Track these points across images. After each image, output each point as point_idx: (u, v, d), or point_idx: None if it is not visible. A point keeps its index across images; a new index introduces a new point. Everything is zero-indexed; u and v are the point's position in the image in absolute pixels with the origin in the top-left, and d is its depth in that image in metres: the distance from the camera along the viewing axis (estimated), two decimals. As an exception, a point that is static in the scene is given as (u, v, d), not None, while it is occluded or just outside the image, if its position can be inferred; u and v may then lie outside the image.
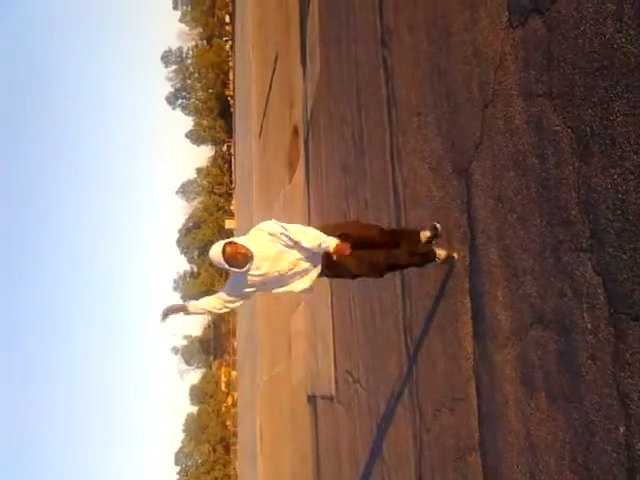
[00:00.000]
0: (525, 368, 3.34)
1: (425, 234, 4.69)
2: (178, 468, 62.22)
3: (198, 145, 69.85)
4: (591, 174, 2.82)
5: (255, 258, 4.17)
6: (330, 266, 4.37)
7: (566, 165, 3.01)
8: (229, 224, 55.47)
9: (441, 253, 4.47)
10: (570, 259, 2.96)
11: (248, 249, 4.15)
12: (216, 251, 4.14)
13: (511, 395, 3.49)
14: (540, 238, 3.23)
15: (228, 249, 4.10)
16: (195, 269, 64.69)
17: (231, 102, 60.43)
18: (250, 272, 4.21)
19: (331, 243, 4.23)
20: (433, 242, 4.65)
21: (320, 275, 4.44)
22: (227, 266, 4.13)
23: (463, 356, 4.17)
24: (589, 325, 2.80)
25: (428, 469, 4.76)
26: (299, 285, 4.38)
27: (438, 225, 4.63)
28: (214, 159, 67.77)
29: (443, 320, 4.62)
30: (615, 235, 2.67)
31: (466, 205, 4.23)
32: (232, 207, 57.72)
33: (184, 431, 62.76)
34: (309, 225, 4.72)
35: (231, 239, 4.31)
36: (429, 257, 4.52)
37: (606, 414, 2.66)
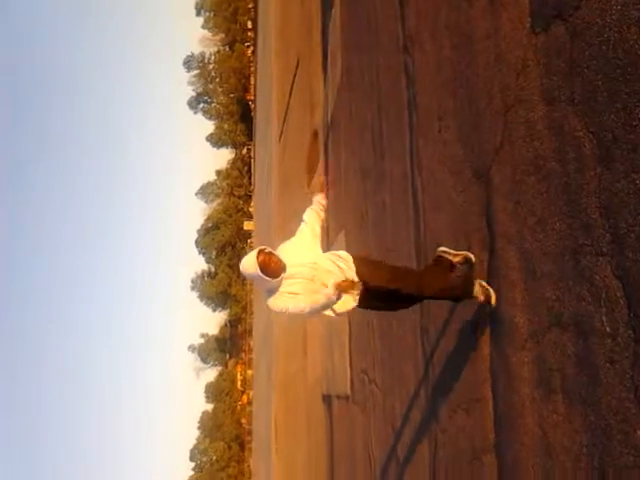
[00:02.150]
0: (542, 370, 3.36)
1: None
2: (193, 464, 62.65)
3: (218, 148, 70.36)
4: (612, 179, 2.84)
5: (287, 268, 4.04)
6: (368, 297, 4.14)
7: (587, 170, 3.04)
8: (248, 226, 55.70)
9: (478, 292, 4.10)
10: (589, 263, 2.99)
11: (281, 259, 4.04)
12: (250, 260, 4.04)
13: (527, 397, 3.52)
14: (560, 242, 3.26)
15: (261, 257, 4.01)
16: (213, 269, 65.03)
17: (252, 106, 60.83)
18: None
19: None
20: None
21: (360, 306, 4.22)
22: (261, 274, 3.97)
23: (480, 358, 4.20)
24: (608, 329, 2.82)
25: (442, 469, 4.79)
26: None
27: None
28: (234, 162, 68.21)
29: (460, 322, 4.65)
30: (635, 239, 2.69)
31: (485, 209, 4.26)
32: (251, 209, 58.00)
33: (199, 428, 63.16)
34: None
35: (263, 248, 4.14)
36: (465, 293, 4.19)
37: (623, 417, 2.68)
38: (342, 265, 4.18)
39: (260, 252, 4.03)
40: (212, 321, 69.19)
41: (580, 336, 3.03)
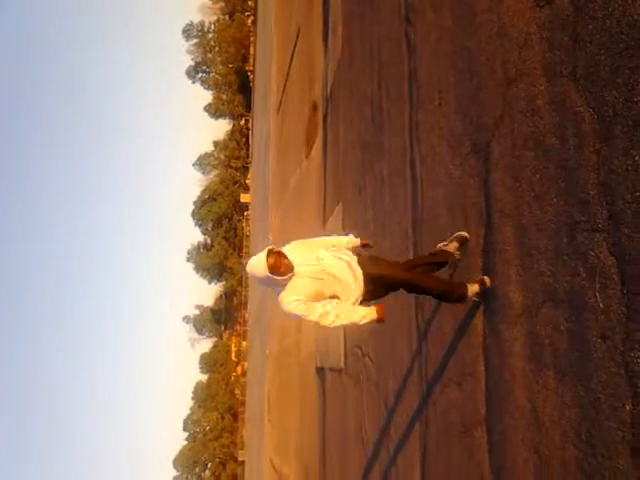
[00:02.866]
0: (534, 345, 3.38)
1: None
2: (186, 434, 63.32)
3: (216, 119, 69.85)
4: (612, 155, 2.83)
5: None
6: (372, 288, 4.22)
7: (587, 146, 3.02)
8: (244, 198, 55.52)
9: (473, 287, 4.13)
10: (585, 239, 2.98)
11: (289, 259, 4.04)
12: (259, 262, 4.01)
13: (519, 372, 3.54)
14: (556, 218, 3.25)
15: (271, 259, 3.97)
16: (209, 241, 65.06)
17: (251, 77, 60.23)
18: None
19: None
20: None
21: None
22: (272, 275, 3.97)
23: (473, 333, 4.22)
24: (601, 305, 2.83)
25: (433, 443, 4.84)
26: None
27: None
28: (231, 133, 67.77)
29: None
30: (632, 216, 2.69)
31: (483, 183, 4.24)
32: (248, 181, 57.77)
33: (193, 398, 63.75)
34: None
35: (272, 247, 4.12)
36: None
37: (613, 392, 2.70)
38: (345, 257, 4.25)
39: (270, 253, 4.00)
40: (207, 293, 69.50)
41: (573, 312, 3.04)
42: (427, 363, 5.23)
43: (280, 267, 3.97)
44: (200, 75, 71.70)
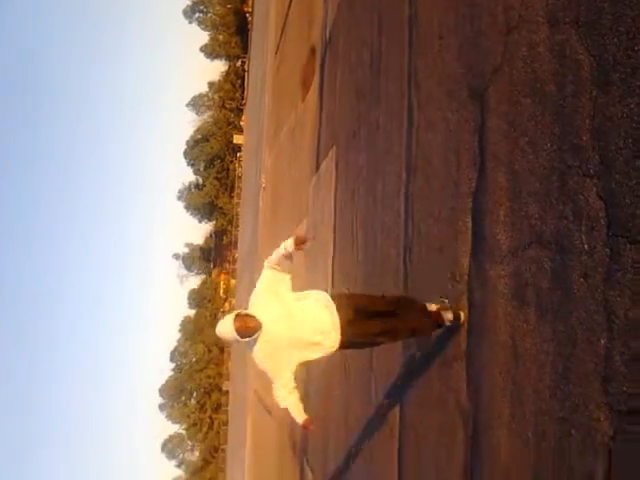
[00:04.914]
0: (518, 284, 3.52)
1: (431, 306, 4.45)
2: (173, 365, 64.41)
3: (212, 59, 68.47)
4: (608, 103, 2.90)
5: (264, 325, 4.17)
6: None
7: (583, 93, 3.09)
8: (237, 139, 55.01)
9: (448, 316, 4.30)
10: (576, 184, 3.08)
11: (256, 320, 4.16)
12: (226, 326, 4.18)
13: (501, 309, 3.69)
14: (549, 163, 3.34)
15: (237, 323, 4.13)
16: (200, 181, 64.72)
17: (249, 18, 58.89)
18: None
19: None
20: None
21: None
22: (240, 338, 4.15)
23: (458, 272, 4.36)
24: (586, 246, 2.95)
25: (415, 371, 5.02)
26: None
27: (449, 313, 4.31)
28: (227, 74, 66.60)
29: (443, 239, 4.78)
30: (624, 162, 2.78)
31: (479, 129, 4.31)
32: (242, 123, 57.12)
33: (180, 331, 64.55)
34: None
35: (238, 312, 4.26)
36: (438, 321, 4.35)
37: (590, 327, 2.85)
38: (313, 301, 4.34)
39: (237, 317, 4.15)
40: (197, 232, 69.53)
41: (558, 253, 3.16)
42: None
43: (247, 330, 4.12)
44: (197, 15, 69.94)
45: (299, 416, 4.32)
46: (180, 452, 62.62)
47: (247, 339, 4.16)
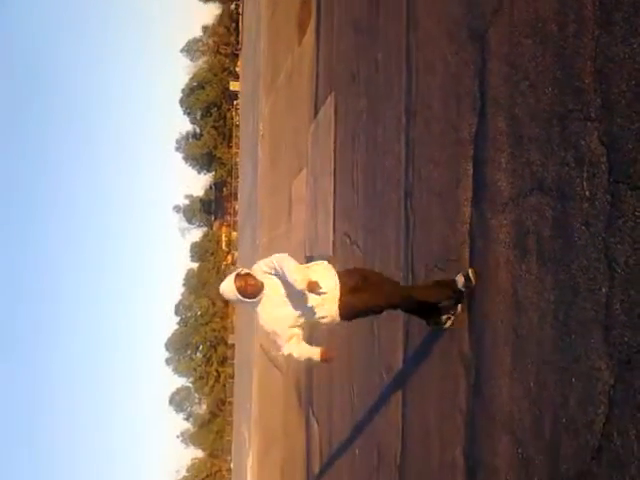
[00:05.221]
0: (519, 232, 3.48)
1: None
2: (178, 318, 65.14)
3: (205, 2, 66.71)
4: (610, 43, 2.80)
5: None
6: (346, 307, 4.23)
7: (585, 33, 2.98)
8: (234, 86, 54.07)
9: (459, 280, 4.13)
10: (577, 128, 3.01)
11: (257, 279, 4.14)
12: (228, 286, 4.19)
13: (503, 257, 3.66)
14: (550, 106, 3.25)
15: (238, 283, 4.13)
16: (198, 130, 63.95)
17: (242, -43, 57.14)
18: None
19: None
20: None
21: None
22: (242, 298, 4.15)
23: (460, 221, 4.31)
24: (587, 193, 2.90)
25: (415, 325, 5.04)
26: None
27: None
28: (221, 17, 65.00)
29: (444, 186, 4.72)
30: (626, 105, 2.70)
31: (479, 72, 4.19)
32: (238, 69, 56.08)
33: (184, 285, 64.97)
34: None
35: (239, 271, 4.26)
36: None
37: (591, 276, 2.82)
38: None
39: (237, 277, 4.16)
40: (197, 183, 69.18)
41: (559, 200, 3.11)
42: (413, 250, 5.36)
43: (247, 289, 4.13)
44: (188, -45, 67.69)
45: (314, 354, 4.26)
46: (188, 405, 63.87)
47: (250, 300, 4.17)
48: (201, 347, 60.99)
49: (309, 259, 11.57)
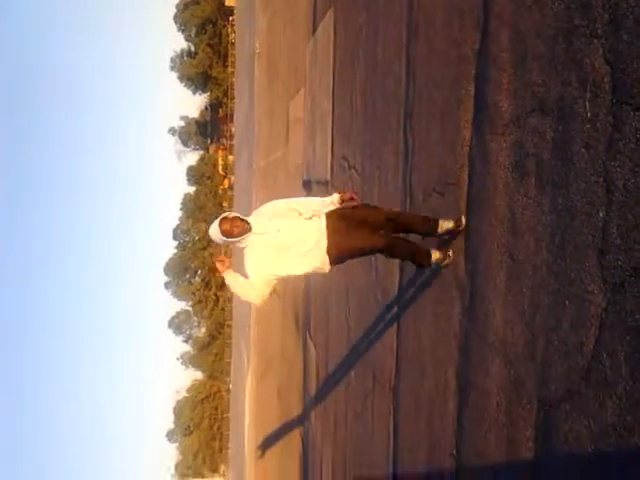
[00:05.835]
0: (519, 155, 3.41)
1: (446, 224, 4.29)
2: (176, 243, 65.44)
3: None
4: (620, -46, 2.65)
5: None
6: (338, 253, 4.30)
7: (595, -57, 2.82)
8: (229, 1, 52.21)
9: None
10: (582, 45, 2.89)
11: (244, 223, 4.22)
12: (214, 229, 4.29)
13: (501, 181, 3.60)
14: (555, 22, 3.12)
15: (224, 226, 4.23)
16: (192, 48, 62.20)
17: None
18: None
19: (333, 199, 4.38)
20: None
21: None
22: (226, 239, 4.24)
23: (460, 143, 4.23)
24: (589, 114, 2.82)
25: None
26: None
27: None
28: None
29: (445, 107, 4.60)
30: (634, 21, 2.59)
31: (483, -15, 4.01)
32: (233, -18, 54.00)
33: (181, 209, 64.89)
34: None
35: (227, 214, 4.33)
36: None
37: (589, 200, 2.78)
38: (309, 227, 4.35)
39: (223, 220, 4.25)
40: (192, 104, 67.84)
41: (560, 121, 3.03)
42: (412, 173, 5.30)
43: (232, 232, 4.22)
44: None
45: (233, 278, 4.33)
46: (187, 328, 64.93)
47: (232, 239, 4.25)
48: (200, 271, 61.54)
49: (306, 183, 11.50)
